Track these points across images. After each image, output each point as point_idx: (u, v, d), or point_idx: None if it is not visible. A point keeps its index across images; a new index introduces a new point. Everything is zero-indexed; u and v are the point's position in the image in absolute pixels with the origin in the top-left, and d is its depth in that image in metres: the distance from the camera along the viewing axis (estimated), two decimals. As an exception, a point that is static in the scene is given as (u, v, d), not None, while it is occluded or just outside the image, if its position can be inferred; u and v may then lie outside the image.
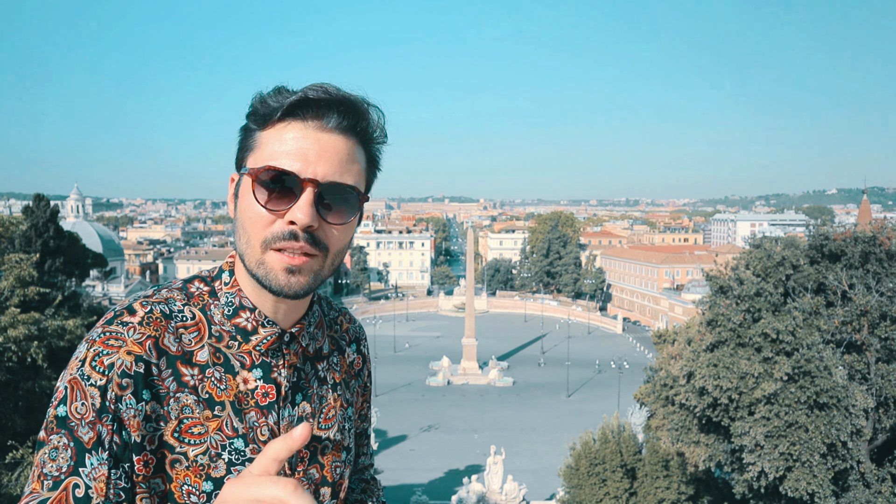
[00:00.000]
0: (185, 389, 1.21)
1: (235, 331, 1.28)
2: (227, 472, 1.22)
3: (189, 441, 1.20)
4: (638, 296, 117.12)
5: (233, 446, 1.23)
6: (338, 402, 1.45)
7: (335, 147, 1.20)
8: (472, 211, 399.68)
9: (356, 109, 1.23)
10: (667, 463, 28.02)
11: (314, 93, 1.18)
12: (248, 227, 1.20)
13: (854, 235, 21.75)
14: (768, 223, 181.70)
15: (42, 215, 40.75)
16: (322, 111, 1.19)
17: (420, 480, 43.39)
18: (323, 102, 1.19)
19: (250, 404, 1.27)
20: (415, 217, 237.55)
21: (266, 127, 1.21)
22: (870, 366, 19.76)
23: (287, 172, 1.15)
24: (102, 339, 1.17)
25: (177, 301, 1.28)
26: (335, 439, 1.43)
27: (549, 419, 60.55)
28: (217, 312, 1.30)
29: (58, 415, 1.11)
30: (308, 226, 1.16)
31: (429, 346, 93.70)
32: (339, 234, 1.24)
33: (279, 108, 1.18)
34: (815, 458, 18.49)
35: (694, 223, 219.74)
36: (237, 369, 1.27)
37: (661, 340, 39.16)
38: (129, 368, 1.15)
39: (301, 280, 1.20)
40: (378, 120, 1.28)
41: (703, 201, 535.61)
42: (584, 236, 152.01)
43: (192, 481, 1.19)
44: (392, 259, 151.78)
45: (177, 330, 1.24)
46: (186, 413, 1.20)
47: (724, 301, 22.03)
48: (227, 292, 1.31)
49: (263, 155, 1.19)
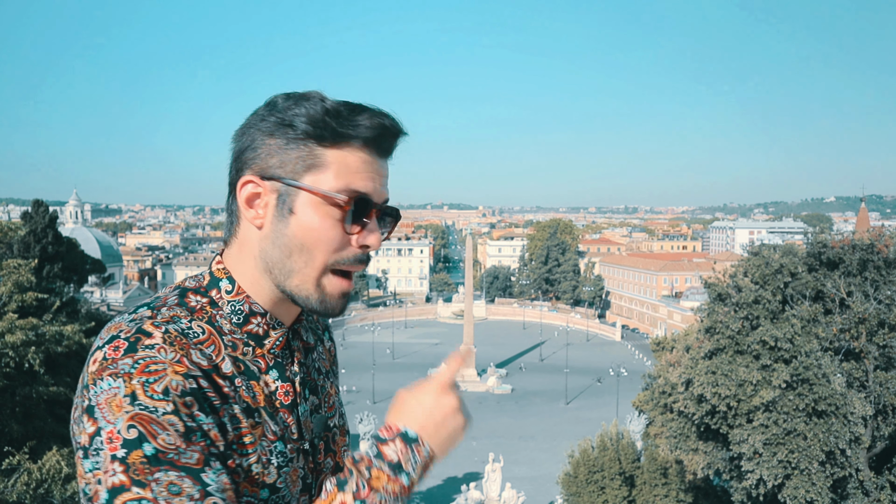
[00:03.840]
0: (228, 401, 1.17)
1: (248, 337, 1.27)
2: (278, 476, 1.21)
3: (242, 452, 1.17)
4: (636, 303, 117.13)
5: (277, 450, 1.22)
6: (333, 389, 1.47)
7: (387, 172, 1.25)
8: (471, 218, 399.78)
9: (401, 135, 1.25)
10: (665, 470, 27.99)
11: (388, 122, 1.21)
12: (315, 248, 1.18)
13: (852, 243, 21.79)
14: (767, 231, 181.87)
15: (41, 221, 40.78)
16: (390, 141, 1.23)
17: (418, 488, 43.30)
18: (391, 133, 1.22)
19: (276, 406, 1.27)
20: (413, 224, 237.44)
21: (334, 146, 1.18)
22: (868, 373, 19.77)
23: (369, 198, 1.19)
24: (140, 369, 1.07)
25: (182, 318, 1.20)
26: (339, 424, 1.45)
27: (547, 426, 60.46)
28: (224, 322, 1.25)
29: (146, 454, 1.01)
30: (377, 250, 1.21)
31: (427, 353, 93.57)
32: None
33: (364, 133, 1.18)
34: (814, 465, 18.47)
35: (692, 231, 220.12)
36: (258, 374, 1.26)
37: (660, 348, 39.16)
38: (186, 387, 1.09)
39: (346, 302, 1.25)
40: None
41: (701, 209, 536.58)
42: (583, 244, 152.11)
43: (251, 491, 1.17)
44: (391, 266, 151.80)
45: (196, 346, 1.18)
46: (235, 424, 1.17)
47: (722, 308, 22.05)
48: (233, 300, 1.27)
49: (340, 178, 1.17)
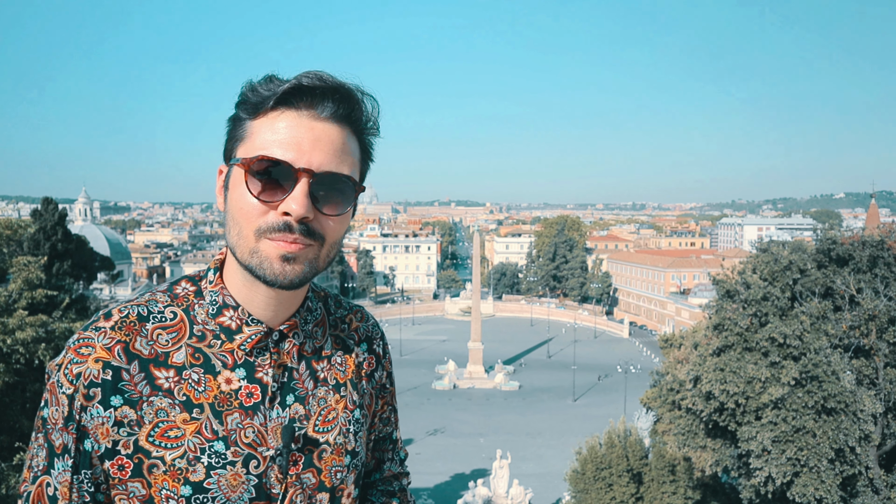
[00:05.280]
0: (159, 393, 1.19)
1: (219, 329, 1.26)
2: (207, 475, 1.18)
3: (165, 445, 1.18)
4: (644, 300, 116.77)
5: (213, 449, 1.20)
6: (340, 404, 1.38)
7: (330, 136, 1.16)
8: (479, 215, 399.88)
9: (351, 98, 1.19)
10: (673, 468, 27.92)
11: (308, 80, 1.15)
12: (240, 218, 1.17)
13: (862, 239, 21.64)
14: (775, 227, 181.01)
15: (50, 218, 41.03)
16: (316, 99, 1.16)
17: (426, 484, 43.36)
18: (318, 90, 1.16)
19: (233, 405, 1.23)
20: (421, 221, 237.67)
21: (257, 116, 1.18)
22: (878, 370, 19.66)
23: (281, 162, 1.13)
24: (76, 347, 1.18)
25: (159, 302, 1.26)
26: (336, 442, 1.36)
27: (555, 423, 60.41)
28: (201, 312, 1.27)
29: (42, 416, 1.19)
30: (303, 217, 1.13)
31: (435, 349, 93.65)
32: (335, 225, 1.20)
33: (271, 96, 1.15)
34: (823, 463, 18.38)
35: (701, 227, 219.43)
36: (218, 369, 1.24)
37: (668, 344, 38.97)
38: (97, 377, 1.16)
39: (297, 268, 1.17)
40: (372, 109, 1.25)
41: (710, 205, 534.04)
42: (591, 240, 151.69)
43: (171, 486, 1.17)
44: (398, 263, 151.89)
45: (153, 332, 1.22)
46: (161, 417, 1.18)
47: (730, 305, 21.95)
48: (212, 290, 1.28)
49: (255, 145, 1.16)
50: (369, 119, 1.25)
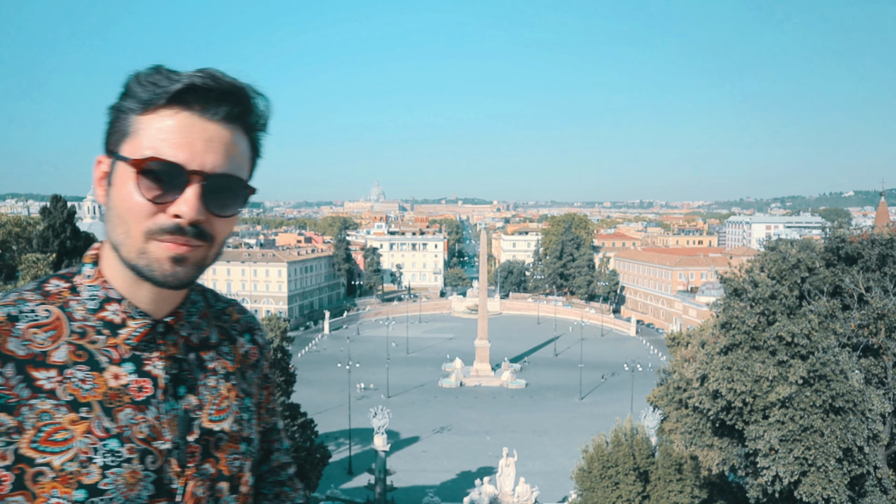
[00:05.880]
0: (40, 395, 1.14)
1: (102, 325, 1.23)
2: (103, 476, 1.14)
3: (52, 449, 1.12)
4: (652, 298, 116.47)
5: (106, 448, 1.16)
6: (232, 393, 1.39)
7: (223, 137, 1.16)
8: (486, 212, 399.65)
9: (245, 98, 1.19)
10: (680, 466, 27.85)
11: (201, 80, 1.14)
12: (128, 217, 1.14)
13: (871, 238, 21.52)
14: (784, 225, 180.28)
15: (59, 216, 41.18)
16: (210, 100, 1.15)
17: (432, 482, 43.42)
18: (212, 91, 1.15)
19: (124, 401, 1.20)
20: (428, 219, 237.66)
21: (146, 112, 1.15)
22: (887, 370, 19.54)
23: (173, 164, 1.11)
24: None
25: (29, 301, 1.22)
26: (231, 430, 1.36)
27: (561, 421, 60.37)
28: (79, 308, 1.24)
29: None
30: (195, 220, 1.13)
31: (441, 347, 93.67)
32: (226, 226, 1.21)
33: (162, 93, 1.13)
34: (831, 462, 18.29)
35: (708, 225, 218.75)
36: (104, 365, 1.20)
37: (675, 343, 38.91)
38: None
39: (187, 269, 1.17)
40: (264, 109, 1.24)
41: (717, 203, 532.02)
42: (598, 238, 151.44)
43: (62, 492, 1.11)
44: (405, 261, 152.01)
45: (26, 331, 1.18)
46: (45, 420, 1.13)
47: (738, 304, 21.86)
48: (90, 286, 1.25)
49: (143, 143, 1.13)
50: (260, 118, 1.25)
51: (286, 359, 36.83)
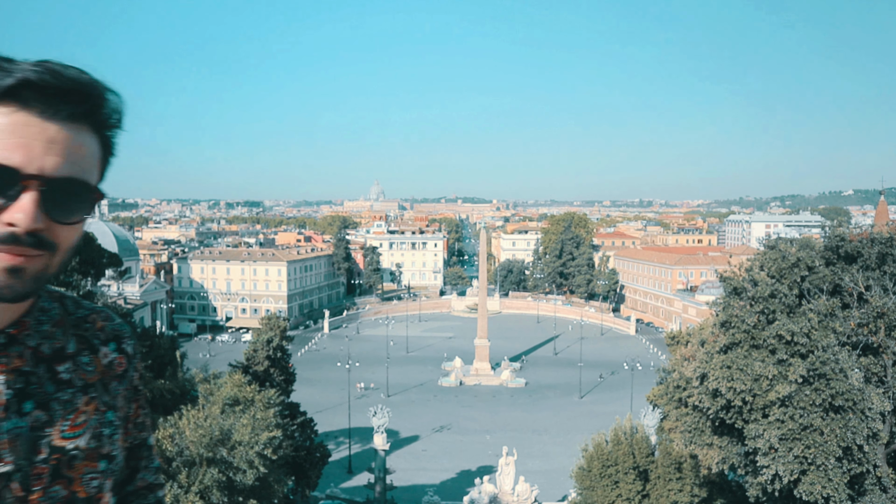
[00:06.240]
0: None
1: None
2: None
3: None
4: (651, 297, 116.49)
5: None
6: (91, 406, 1.28)
7: (66, 138, 1.06)
8: (485, 212, 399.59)
9: (91, 95, 1.10)
10: (680, 465, 27.87)
11: (37, 76, 1.04)
12: None
13: (871, 237, 21.52)
14: (783, 224, 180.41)
15: (59, 215, 41.21)
16: (50, 98, 1.05)
17: (432, 481, 43.42)
18: (51, 88, 1.05)
19: None
20: (427, 218, 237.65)
21: None
22: (887, 368, 19.54)
23: (6, 167, 1.01)
24: None
25: None
26: (88, 447, 1.25)
27: (561, 420, 60.42)
28: None
29: None
30: (31, 229, 1.03)
31: (441, 346, 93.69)
32: (70, 233, 1.11)
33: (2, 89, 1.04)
34: (831, 461, 18.30)
35: (708, 224, 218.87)
36: None
37: (675, 342, 38.90)
38: None
39: (24, 282, 1.07)
40: (114, 104, 1.14)
41: (717, 202, 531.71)
42: (598, 237, 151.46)
43: None
44: (405, 260, 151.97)
45: None
46: None
47: (738, 302, 21.86)
48: None
49: None
50: (111, 115, 1.15)
51: (286, 358, 36.84)
